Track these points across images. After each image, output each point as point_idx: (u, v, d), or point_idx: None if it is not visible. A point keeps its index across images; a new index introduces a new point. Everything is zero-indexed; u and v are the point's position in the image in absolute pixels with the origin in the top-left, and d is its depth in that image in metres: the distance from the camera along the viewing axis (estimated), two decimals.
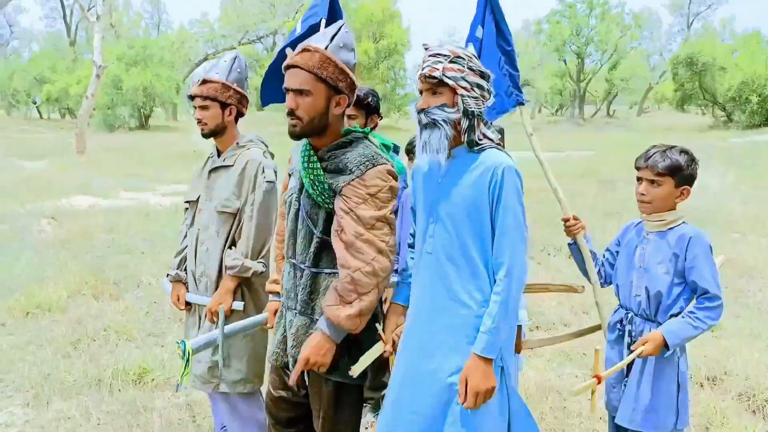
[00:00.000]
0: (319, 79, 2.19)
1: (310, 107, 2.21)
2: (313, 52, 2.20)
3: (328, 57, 2.20)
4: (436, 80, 2.07)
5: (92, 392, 3.88)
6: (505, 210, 2.06)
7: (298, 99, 2.21)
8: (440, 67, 2.07)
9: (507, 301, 2.04)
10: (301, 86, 2.19)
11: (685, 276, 2.43)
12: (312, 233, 2.30)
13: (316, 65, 2.18)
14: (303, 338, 2.32)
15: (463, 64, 2.08)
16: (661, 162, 2.47)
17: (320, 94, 2.21)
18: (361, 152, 2.24)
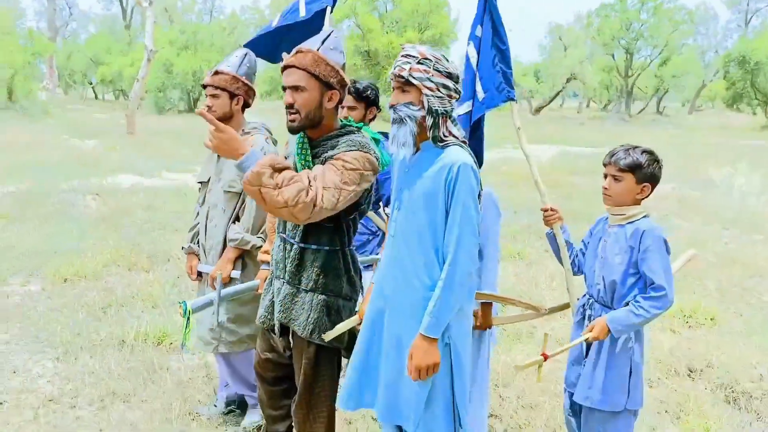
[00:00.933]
0: (313, 75, 2.46)
1: (305, 101, 2.48)
2: (306, 52, 2.49)
3: (320, 56, 2.48)
4: (403, 79, 2.30)
5: (115, 351, 4.29)
6: (456, 204, 2.26)
7: (295, 95, 2.48)
8: (408, 68, 2.29)
9: (450, 286, 2.25)
10: (296, 83, 2.47)
11: (638, 267, 2.64)
12: None
13: (310, 64, 2.46)
14: (289, 304, 2.61)
15: (430, 66, 2.29)
16: (623, 159, 2.67)
17: (314, 90, 2.48)
18: (352, 138, 2.51)
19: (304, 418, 2.72)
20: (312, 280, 2.59)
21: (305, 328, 2.58)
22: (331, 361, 2.71)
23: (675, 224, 9.35)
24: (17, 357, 4.24)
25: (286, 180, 2.25)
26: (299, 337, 2.64)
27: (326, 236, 2.57)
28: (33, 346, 4.41)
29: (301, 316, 2.60)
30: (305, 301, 2.60)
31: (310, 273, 2.59)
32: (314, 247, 2.58)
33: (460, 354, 2.36)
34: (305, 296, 2.60)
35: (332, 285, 2.60)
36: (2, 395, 3.70)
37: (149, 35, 21.44)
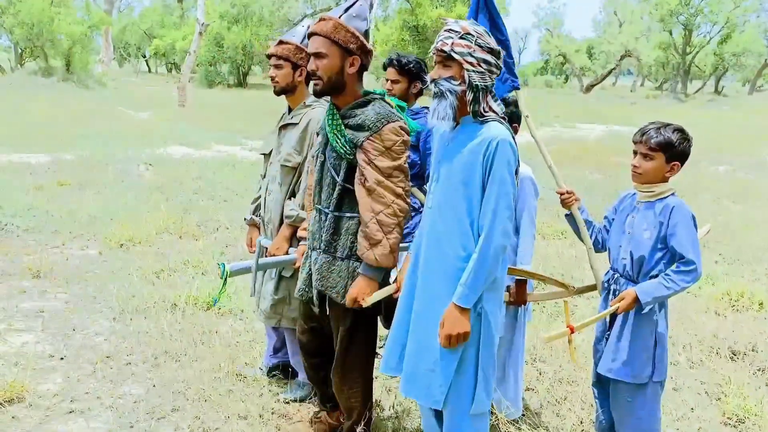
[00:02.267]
0: (333, 42, 2.59)
1: (327, 67, 2.62)
2: (328, 20, 2.62)
3: (340, 23, 2.60)
4: (445, 54, 2.34)
5: (167, 314, 4.49)
6: (493, 179, 2.31)
7: (317, 61, 2.62)
8: (450, 42, 2.33)
9: (484, 258, 2.31)
10: (317, 49, 2.61)
11: (666, 242, 2.65)
12: (335, 181, 2.69)
13: (330, 31, 2.59)
14: (326, 273, 2.73)
15: (472, 41, 2.33)
16: (655, 138, 2.66)
17: (335, 56, 2.61)
18: (377, 110, 2.62)
19: (340, 382, 2.84)
20: (347, 248, 2.69)
21: (343, 294, 2.69)
22: (367, 328, 2.83)
23: (726, 207, 9.13)
24: (76, 316, 4.48)
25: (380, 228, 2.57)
26: (336, 305, 2.75)
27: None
28: (91, 306, 4.65)
29: (338, 284, 2.70)
30: (341, 269, 2.70)
31: (345, 240, 2.70)
32: (348, 215, 2.69)
33: (490, 324, 2.42)
34: (341, 264, 2.70)
35: None
36: (63, 350, 3.94)
37: (201, 9, 21.78)
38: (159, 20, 46.24)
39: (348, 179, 2.68)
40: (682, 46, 44.31)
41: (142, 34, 47.14)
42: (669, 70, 47.55)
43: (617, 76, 53.83)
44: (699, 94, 45.88)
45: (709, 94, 46.51)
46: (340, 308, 2.75)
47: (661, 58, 46.07)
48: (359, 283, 2.65)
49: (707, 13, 42.34)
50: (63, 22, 27.77)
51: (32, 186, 8.19)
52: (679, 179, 9.86)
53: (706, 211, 8.27)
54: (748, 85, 53.18)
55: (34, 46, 28.65)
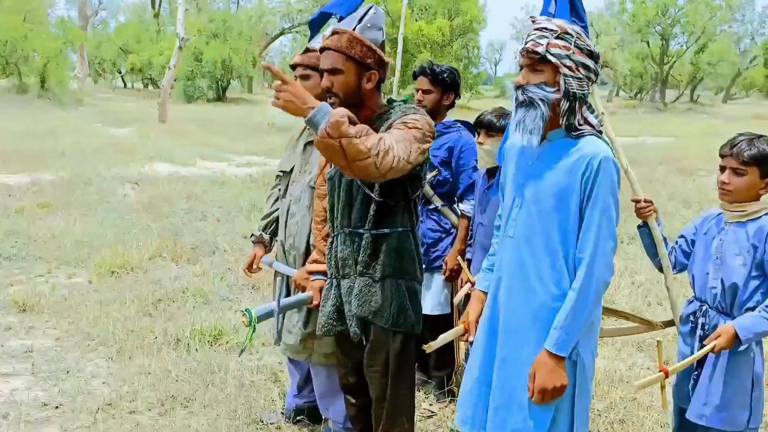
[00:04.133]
0: (349, 57, 2.35)
1: (342, 84, 2.38)
2: (342, 33, 2.38)
3: (356, 37, 2.36)
4: (538, 56, 2.00)
5: (171, 350, 4.08)
6: (595, 203, 1.98)
7: (332, 78, 2.38)
8: (544, 43, 1.99)
9: (584, 298, 1.97)
10: (332, 66, 2.36)
11: (763, 268, 2.35)
12: (370, 198, 2.42)
13: (345, 45, 2.35)
14: (367, 297, 2.44)
15: (570, 41, 1.99)
16: (748, 150, 2.36)
17: (351, 72, 2.36)
18: (402, 109, 2.41)
19: (389, 414, 2.51)
20: (390, 266, 2.44)
21: (389, 318, 2.42)
22: (414, 354, 2.56)
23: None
24: (69, 356, 4.05)
25: (364, 130, 2.08)
26: (381, 331, 2.46)
27: (399, 217, 2.44)
28: (84, 344, 4.23)
29: (383, 307, 2.43)
30: (385, 289, 2.44)
31: (386, 258, 2.43)
32: (387, 231, 2.43)
33: (586, 374, 2.08)
34: (384, 284, 2.44)
35: (409, 268, 2.47)
36: (58, 398, 3.52)
37: (180, 23, 21.34)
38: (135, 36, 45.53)
39: (383, 192, 2.41)
40: (660, 56, 44.77)
41: (117, 49, 46.39)
42: (646, 79, 48.02)
43: None
44: (677, 103, 46.37)
45: (686, 103, 47.00)
46: (387, 333, 2.46)
47: (639, 68, 46.52)
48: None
49: (684, 23, 42.88)
50: (37, 39, 27.15)
51: (12, 208, 7.70)
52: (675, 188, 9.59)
53: None
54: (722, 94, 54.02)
55: (7, 63, 27.96)
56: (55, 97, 26.49)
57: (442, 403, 3.57)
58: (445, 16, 33.54)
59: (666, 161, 13.85)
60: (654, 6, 42.56)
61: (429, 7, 34.02)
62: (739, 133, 2.45)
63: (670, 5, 42.54)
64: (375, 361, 2.48)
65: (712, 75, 47.72)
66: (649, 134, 21.16)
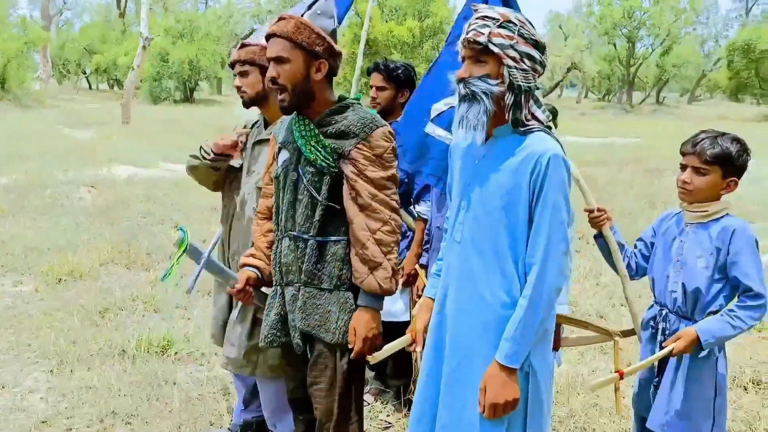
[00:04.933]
0: (296, 44, 2.19)
1: (289, 74, 2.21)
2: (288, 19, 2.21)
3: (303, 22, 2.20)
4: (480, 46, 1.85)
5: (115, 362, 3.87)
6: (545, 204, 1.84)
7: (278, 67, 2.22)
8: (486, 32, 1.84)
9: (535, 306, 1.83)
10: (278, 53, 2.21)
11: (726, 271, 2.25)
12: (316, 201, 2.26)
13: (292, 31, 2.19)
14: (312, 309, 2.29)
15: (514, 30, 1.85)
16: (711, 149, 2.27)
17: (298, 60, 2.21)
18: (361, 115, 2.25)
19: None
20: (335, 277, 2.28)
21: (335, 333, 2.26)
22: (363, 371, 2.43)
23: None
24: (7, 369, 3.82)
25: (380, 248, 2.21)
26: (327, 347, 2.30)
27: (345, 224, 2.27)
28: (24, 356, 3.99)
29: (328, 321, 2.27)
30: (331, 302, 2.28)
31: (332, 269, 2.27)
32: (333, 239, 2.27)
33: (540, 386, 1.94)
34: (330, 296, 2.28)
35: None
36: None
37: (144, 23, 20.94)
38: (100, 36, 44.67)
39: (331, 197, 2.26)
40: (626, 58, 45.39)
41: (82, 50, 45.46)
42: (614, 81, 48.63)
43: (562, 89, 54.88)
44: (643, 105, 47.04)
45: (652, 105, 47.70)
46: (333, 349, 2.29)
47: (606, 70, 47.09)
48: (362, 318, 2.23)
49: (649, 25, 43.49)
50: None
51: None
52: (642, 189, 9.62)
53: None
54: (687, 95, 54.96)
55: None
56: (15, 99, 25.80)
57: (400, 414, 3.43)
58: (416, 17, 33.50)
59: (633, 161, 13.95)
60: (620, 9, 43.11)
61: (399, 8, 33.94)
62: (702, 131, 2.35)
63: (635, 8, 43.13)
64: (320, 379, 2.33)
65: (678, 77, 48.50)
66: (617, 135, 21.34)
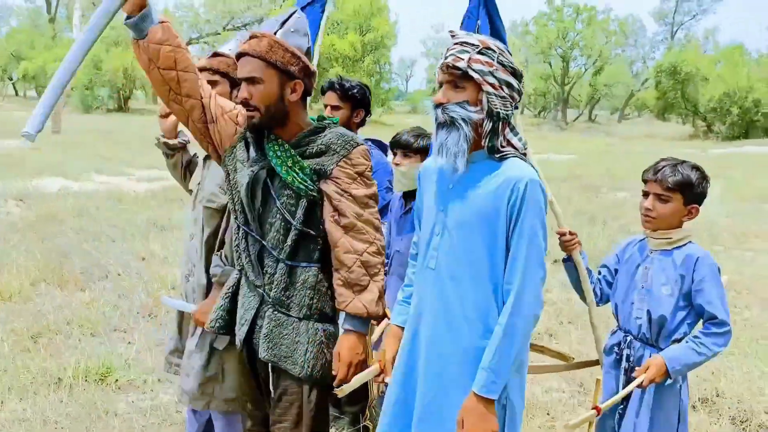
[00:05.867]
0: (269, 64, 2.09)
1: (263, 95, 2.11)
2: (261, 38, 2.11)
3: (277, 41, 2.11)
4: (460, 72, 1.83)
5: (51, 392, 3.61)
6: (522, 231, 1.82)
7: (251, 88, 2.11)
8: (466, 58, 1.82)
9: (512, 333, 1.80)
10: (251, 74, 2.11)
11: (690, 299, 2.28)
12: (289, 225, 2.15)
13: (265, 50, 2.09)
14: (277, 339, 2.19)
15: (493, 57, 1.83)
16: (672, 176, 2.31)
17: (272, 81, 2.11)
18: (339, 133, 2.18)
19: None
20: (305, 306, 2.17)
21: (303, 366, 2.15)
22: (328, 406, 2.32)
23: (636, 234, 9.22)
24: None
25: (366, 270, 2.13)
26: (294, 382, 2.19)
27: (318, 250, 2.18)
28: None
29: (296, 353, 2.16)
30: (299, 333, 2.17)
31: (302, 296, 2.17)
32: (303, 265, 2.17)
33: (516, 417, 1.90)
34: (299, 326, 2.18)
35: (327, 309, 2.21)
36: None
37: (77, 28, 20.21)
38: (28, 41, 42.84)
39: (306, 222, 2.16)
40: (561, 77, 46.94)
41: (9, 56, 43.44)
42: (549, 99, 50.17)
43: None
44: (577, 122, 48.65)
45: (586, 122, 49.41)
46: (299, 383, 2.18)
47: (542, 88, 48.54)
48: (347, 342, 2.14)
49: (582, 46, 45.16)
50: None
51: None
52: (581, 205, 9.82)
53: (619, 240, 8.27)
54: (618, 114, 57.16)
55: None
56: None
57: None
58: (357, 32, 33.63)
59: (570, 178, 14.30)
60: (555, 30, 44.63)
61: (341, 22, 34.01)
62: (662, 159, 2.39)
63: (569, 29, 44.76)
64: (285, 417, 2.21)
65: (608, 96, 50.46)
66: (553, 151, 21.93)
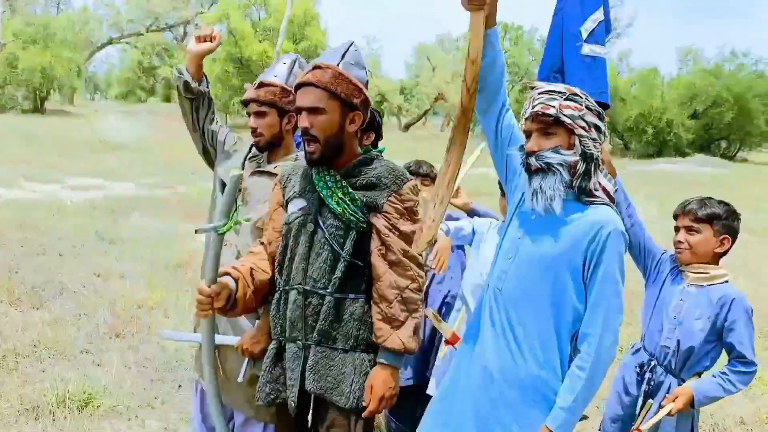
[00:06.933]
0: (333, 95, 2.10)
1: (325, 125, 2.11)
2: (325, 69, 2.11)
3: (341, 73, 2.12)
4: (551, 119, 1.90)
5: (32, 420, 3.41)
6: (604, 277, 1.89)
7: (312, 118, 2.11)
8: (556, 105, 1.90)
9: (592, 377, 1.89)
10: (314, 104, 2.10)
11: (721, 335, 2.43)
12: (338, 256, 2.15)
13: (330, 81, 2.09)
14: (324, 370, 2.17)
15: (581, 102, 1.92)
16: (700, 210, 2.48)
17: (335, 111, 2.12)
18: (390, 167, 2.20)
19: None
20: (352, 337, 2.17)
21: (350, 397, 2.14)
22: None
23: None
24: None
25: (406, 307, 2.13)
26: (341, 413, 2.18)
27: (365, 282, 2.19)
28: None
29: (342, 384, 2.16)
30: (345, 364, 2.17)
31: (350, 328, 2.17)
32: (352, 297, 2.18)
33: None
34: (345, 358, 2.17)
35: (372, 340, 2.20)
36: None
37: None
38: None
39: (355, 254, 2.16)
40: None
41: None
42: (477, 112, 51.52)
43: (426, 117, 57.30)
44: None
45: None
46: (346, 415, 2.17)
47: None
48: (381, 376, 2.14)
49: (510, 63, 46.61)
50: None
51: None
52: None
53: None
54: None
55: None
56: None
57: None
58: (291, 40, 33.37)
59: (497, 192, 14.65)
60: None
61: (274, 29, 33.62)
62: (691, 197, 2.55)
63: None
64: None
65: None
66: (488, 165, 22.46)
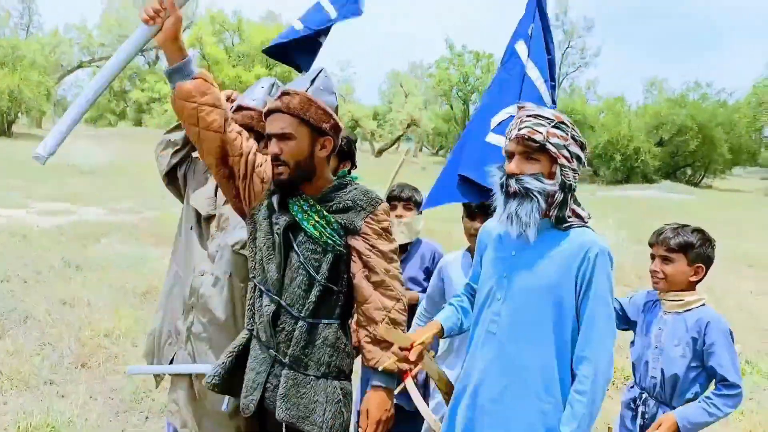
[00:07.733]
0: (302, 121, 2.09)
1: (294, 151, 2.10)
2: (293, 95, 2.11)
3: (310, 98, 2.11)
4: (536, 144, 1.88)
5: None
6: (595, 299, 1.88)
7: (281, 144, 2.10)
8: (543, 132, 1.88)
9: (592, 399, 1.86)
10: (283, 130, 2.09)
11: (702, 360, 2.41)
12: (313, 281, 2.11)
13: (298, 107, 2.09)
14: (295, 398, 2.11)
15: (567, 132, 1.91)
16: (673, 239, 2.47)
17: (304, 137, 2.11)
18: (363, 190, 2.20)
19: None
20: (324, 364, 2.13)
21: (322, 426, 2.08)
22: None
23: None
24: None
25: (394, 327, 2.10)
26: None
27: (339, 306, 2.15)
28: None
29: (314, 413, 2.09)
30: (317, 392, 2.11)
31: (321, 354, 2.12)
32: (325, 322, 2.13)
33: None
34: (316, 385, 2.11)
35: (344, 366, 2.18)
36: None
37: None
38: None
39: (331, 278, 2.13)
40: (462, 118, 48.92)
41: None
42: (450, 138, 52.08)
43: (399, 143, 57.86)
44: None
45: None
46: None
47: (443, 128, 50.32)
48: (376, 399, 2.09)
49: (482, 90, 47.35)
50: None
51: None
52: None
53: None
54: None
55: None
56: None
57: None
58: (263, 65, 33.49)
59: None
60: (457, 74, 46.67)
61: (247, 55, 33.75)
62: (665, 224, 2.54)
63: (470, 75, 46.92)
64: None
65: None
66: None
